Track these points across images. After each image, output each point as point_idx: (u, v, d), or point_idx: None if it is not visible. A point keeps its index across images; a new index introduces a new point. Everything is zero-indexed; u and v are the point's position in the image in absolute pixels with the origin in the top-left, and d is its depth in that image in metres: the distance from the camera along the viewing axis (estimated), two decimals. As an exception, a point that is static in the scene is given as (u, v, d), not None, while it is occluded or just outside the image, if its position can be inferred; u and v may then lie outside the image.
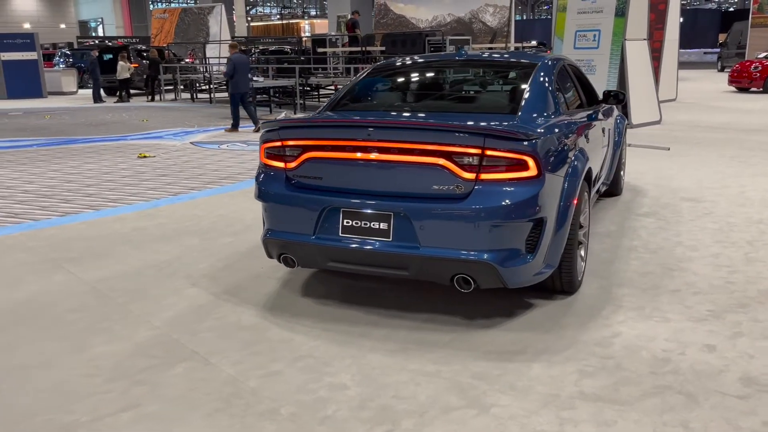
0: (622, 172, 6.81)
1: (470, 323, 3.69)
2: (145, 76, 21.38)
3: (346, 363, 3.27)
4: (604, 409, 2.81)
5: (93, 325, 3.79)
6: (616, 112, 6.47)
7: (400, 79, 4.86)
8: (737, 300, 3.94)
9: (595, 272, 4.45)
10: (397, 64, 5.00)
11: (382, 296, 4.10)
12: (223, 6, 31.47)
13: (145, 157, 9.81)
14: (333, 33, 26.51)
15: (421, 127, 3.50)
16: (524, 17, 62.53)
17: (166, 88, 21.58)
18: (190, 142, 11.37)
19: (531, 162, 3.36)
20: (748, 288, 4.12)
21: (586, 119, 4.60)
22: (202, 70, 21.37)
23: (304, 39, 22.56)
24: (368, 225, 3.53)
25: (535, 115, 3.93)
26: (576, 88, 5.02)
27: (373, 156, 3.50)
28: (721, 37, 34.44)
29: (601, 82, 11.89)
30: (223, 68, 17.03)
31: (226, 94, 16.88)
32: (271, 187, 3.82)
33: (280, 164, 3.81)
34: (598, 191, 5.77)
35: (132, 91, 21.81)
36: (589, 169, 4.17)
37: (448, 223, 3.38)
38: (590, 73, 12.16)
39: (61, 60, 27.80)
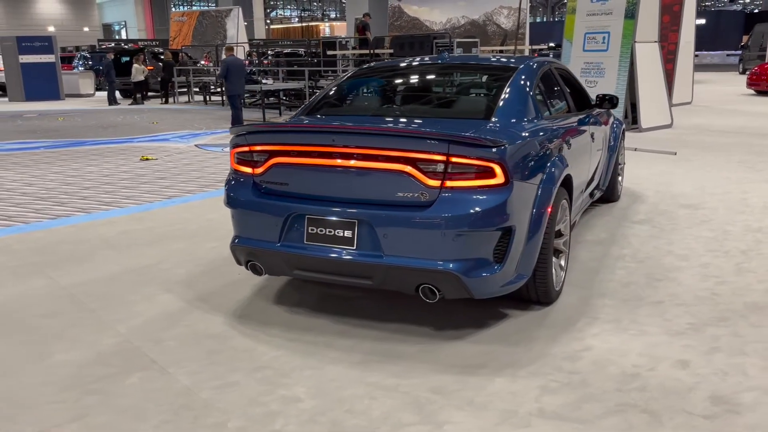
0: (620, 178, 6.66)
1: (439, 334, 3.60)
2: (159, 79, 21.52)
3: (305, 374, 3.19)
4: (562, 428, 2.70)
5: (60, 332, 3.75)
6: (612, 117, 6.33)
7: (378, 84, 4.77)
8: (720, 313, 3.79)
9: (577, 282, 4.32)
10: (378, 68, 4.92)
11: (355, 305, 4.02)
12: (240, 9, 31.65)
13: (147, 159, 9.83)
14: (343, 36, 26.51)
15: (385, 133, 3.41)
16: (545, 19, 62.09)
17: (179, 90, 21.70)
18: (195, 145, 11.38)
19: (498, 169, 3.26)
20: (734, 300, 3.97)
21: (569, 124, 4.48)
22: (215, 72, 21.43)
23: (320, 41, 22.52)
24: (333, 233, 3.45)
25: (510, 120, 3.82)
26: (563, 93, 4.89)
27: (338, 162, 3.42)
28: (744, 39, 33.81)
29: (610, 85, 11.71)
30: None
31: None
32: (238, 193, 3.76)
33: (249, 170, 3.75)
34: (592, 195, 5.65)
35: (150, 94, 21.98)
36: (568, 176, 4.04)
37: (412, 232, 3.29)
38: (599, 76, 11.99)
39: (80, 63, 28.13)
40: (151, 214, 6.48)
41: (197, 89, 21.35)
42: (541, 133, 3.84)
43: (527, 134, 3.68)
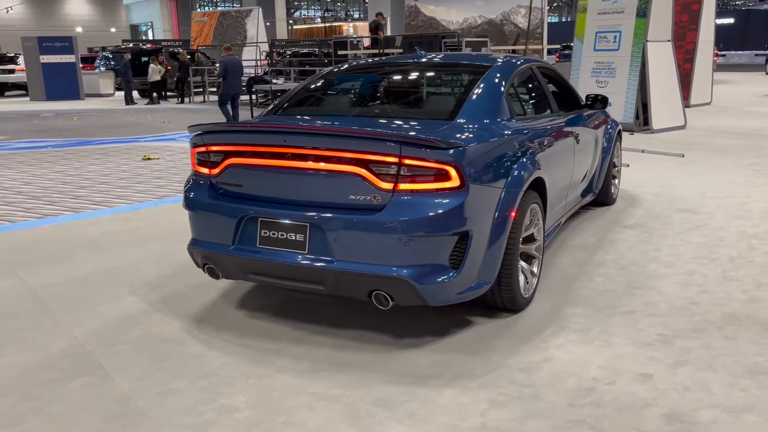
0: (616, 180, 6.47)
1: (397, 342, 3.47)
2: (175, 79, 21.65)
3: (250, 383, 3.09)
4: (502, 445, 2.57)
5: (15, 334, 3.70)
6: (609, 118, 6.14)
7: (349, 84, 4.66)
8: (695, 324, 3.61)
9: (552, 288, 4.16)
10: (351, 67, 4.80)
11: (318, 310, 3.91)
12: (260, 9, 31.78)
13: (149, 159, 9.83)
14: (355, 35, 26.46)
15: (336, 134, 3.29)
16: (569, 19, 61.42)
17: (195, 90, 21.80)
18: (199, 145, 11.36)
19: (453, 172, 3.13)
20: (712, 310, 3.79)
21: (546, 125, 4.32)
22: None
23: (333, 41, 22.49)
24: (285, 236, 3.34)
25: (477, 120, 3.68)
26: (544, 93, 4.72)
27: (290, 163, 3.31)
28: (772, 39, 33.07)
29: (622, 86, 11.46)
30: (249, 71, 17.18)
31: (251, 97, 16.97)
32: (195, 194, 3.68)
33: (206, 171, 3.67)
34: (583, 195, 5.48)
35: (169, 93, 22.11)
36: (540, 179, 3.88)
37: (363, 236, 3.17)
38: (610, 76, 11.74)
39: (102, 63, 28.42)
40: (138, 214, 6.44)
41: (213, 89, 21.43)
42: (509, 134, 3.69)
43: (491, 135, 3.54)
